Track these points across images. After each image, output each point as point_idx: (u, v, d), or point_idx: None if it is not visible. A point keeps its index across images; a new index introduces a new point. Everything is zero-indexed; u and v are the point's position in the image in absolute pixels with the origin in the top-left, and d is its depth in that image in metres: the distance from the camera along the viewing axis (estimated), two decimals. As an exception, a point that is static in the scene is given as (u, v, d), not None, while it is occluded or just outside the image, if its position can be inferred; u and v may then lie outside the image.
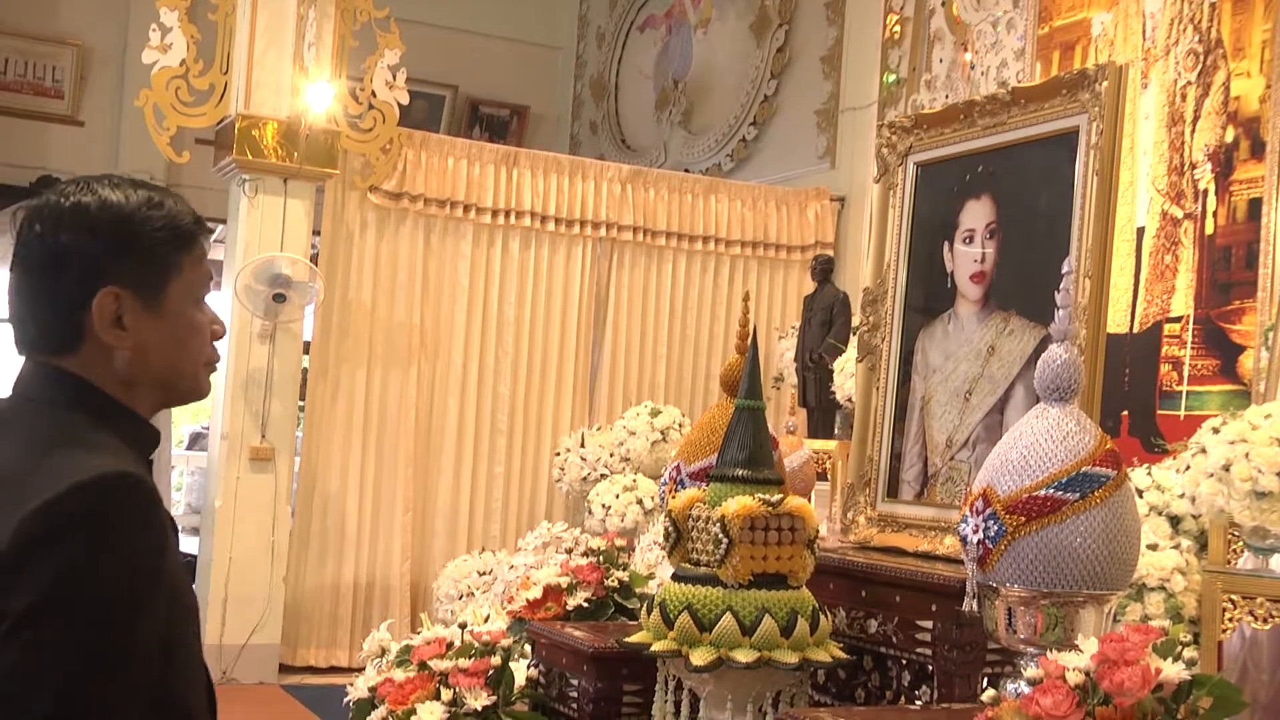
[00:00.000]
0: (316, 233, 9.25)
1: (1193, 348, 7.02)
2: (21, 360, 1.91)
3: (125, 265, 1.85)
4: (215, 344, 2.01)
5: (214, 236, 13.31)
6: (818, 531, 2.62)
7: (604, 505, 8.08)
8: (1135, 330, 7.23)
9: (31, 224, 1.86)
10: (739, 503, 2.57)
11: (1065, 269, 2.40)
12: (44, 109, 12.44)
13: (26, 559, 1.65)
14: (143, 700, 1.70)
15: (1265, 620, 4.55)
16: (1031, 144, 2.88)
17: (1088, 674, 1.94)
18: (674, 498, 2.78)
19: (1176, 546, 4.64)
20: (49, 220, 1.85)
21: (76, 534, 1.67)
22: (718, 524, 2.58)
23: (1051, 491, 2.22)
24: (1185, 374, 7.05)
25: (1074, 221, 2.71)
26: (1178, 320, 7.12)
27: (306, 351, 9.36)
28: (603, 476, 8.60)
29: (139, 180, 1.94)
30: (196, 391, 2.00)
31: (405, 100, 9.31)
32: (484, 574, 8.00)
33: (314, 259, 9.15)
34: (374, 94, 9.18)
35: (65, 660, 1.64)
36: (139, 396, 1.91)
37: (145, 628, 1.71)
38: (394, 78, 9.20)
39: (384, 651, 4.67)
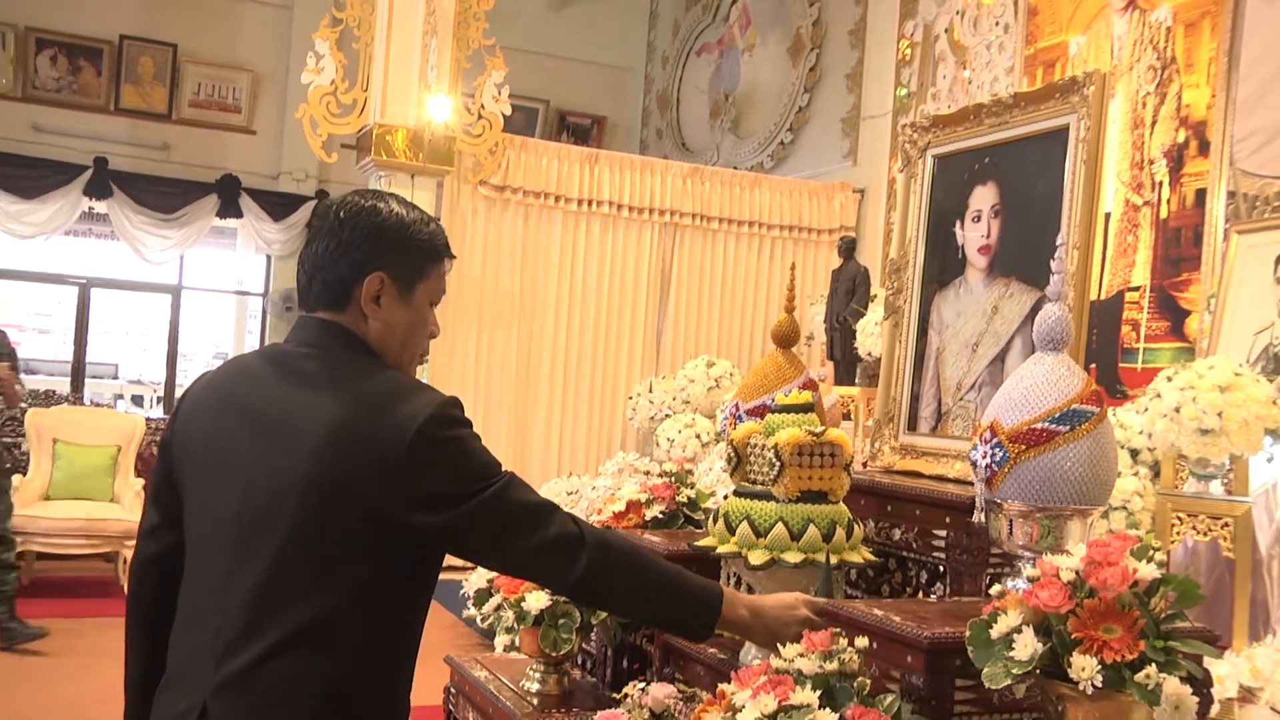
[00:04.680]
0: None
1: (1148, 312, 6.99)
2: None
3: (393, 259, 2.01)
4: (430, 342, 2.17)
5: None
6: (853, 458, 2.60)
7: (669, 439, 8.07)
8: (1102, 297, 7.18)
9: (337, 213, 2.03)
10: (790, 433, 2.55)
11: (1059, 241, 2.36)
12: (225, 121, 12.63)
13: (431, 458, 1.89)
14: None
15: (1205, 534, 4.54)
16: (1030, 139, 2.82)
17: (1077, 573, 1.92)
18: (734, 429, 2.76)
19: (1135, 474, 4.61)
20: (350, 213, 2.02)
21: (460, 432, 1.95)
22: (772, 450, 2.56)
23: (1047, 424, 2.18)
24: (1142, 333, 7.01)
25: (1064, 203, 2.65)
26: (1136, 289, 7.09)
27: (430, 314, 9.40)
28: (667, 416, 8.60)
29: (415, 205, 2.12)
30: (407, 372, 2.12)
31: (508, 111, 9.35)
32: (571, 494, 8.02)
33: (435, 239, 9.19)
34: (483, 106, 9.22)
35: (506, 505, 1.96)
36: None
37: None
38: (499, 93, 9.24)
39: (492, 554, 4.68)
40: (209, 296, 13.98)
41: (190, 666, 1.94)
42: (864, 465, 3.17)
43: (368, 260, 2.00)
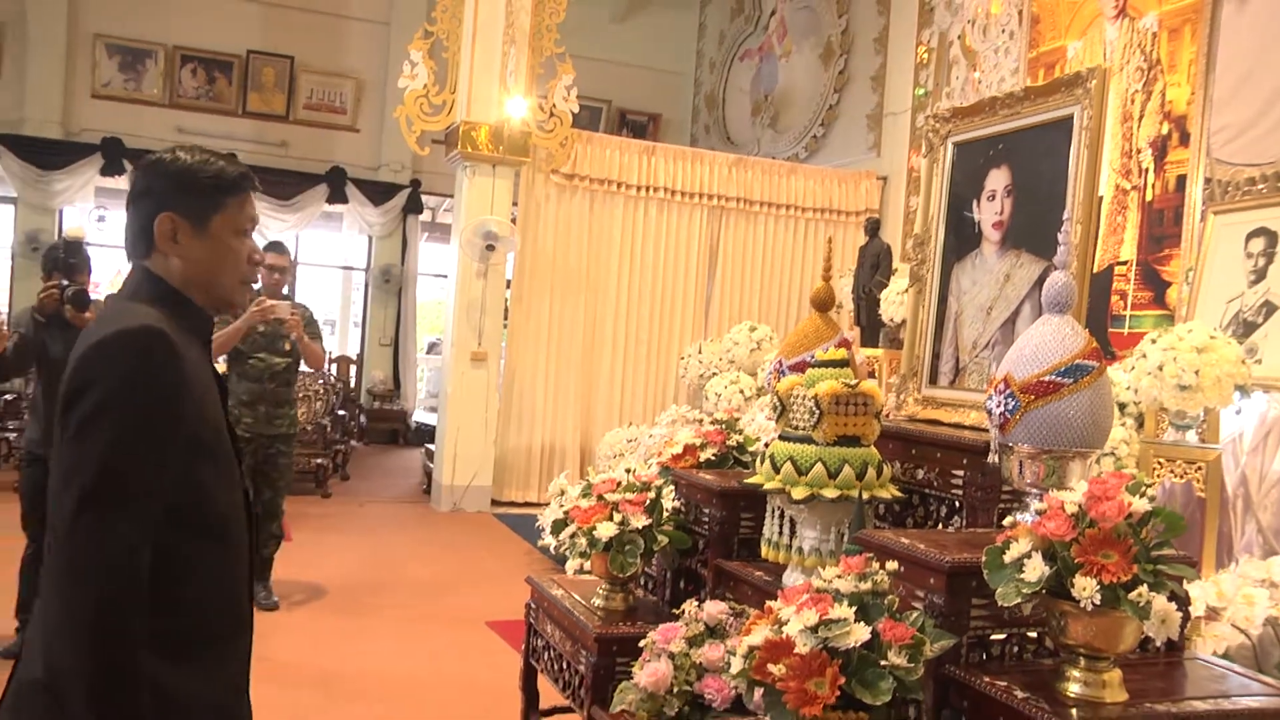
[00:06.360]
0: (515, 202, 9.32)
1: (1134, 283, 6.91)
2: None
3: (181, 199, 1.88)
4: (254, 267, 1.98)
5: (442, 206, 13.52)
6: (882, 407, 2.58)
7: (716, 394, 8.07)
8: (1095, 270, 7.08)
9: (135, 170, 1.93)
10: (828, 385, 2.53)
11: (1065, 216, 2.32)
12: (334, 121, 12.83)
13: (85, 383, 1.68)
14: (166, 481, 1.71)
15: (1181, 476, 4.50)
16: (1039, 127, 2.76)
17: (1080, 506, 1.90)
18: (778, 382, 2.74)
19: (1123, 424, 4.56)
20: (144, 166, 1.91)
21: (118, 363, 1.70)
22: (812, 400, 2.55)
23: (1054, 377, 2.16)
24: (1129, 302, 6.93)
25: (1069, 184, 2.60)
26: (1125, 263, 7.00)
27: (509, 285, 9.45)
28: (714, 374, 8.59)
29: (212, 150, 1.96)
30: (229, 300, 1.98)
31: (576, 110, 9.32)
32: (631, 440, 8.05)
33: (513, 220, 9.22)
34: (554, 105, 9.19)
35: (111, 448, 1.66)
36: (192, 293, 1.91)
37: (164, 432, 1.71)
38: (568, 94, 9.22)
39: (563, 492, 4.68)
40: (320, 271, 14.21)
41: None
42: (888, 415, 3.14)
43: (157, 204, 1.88)
